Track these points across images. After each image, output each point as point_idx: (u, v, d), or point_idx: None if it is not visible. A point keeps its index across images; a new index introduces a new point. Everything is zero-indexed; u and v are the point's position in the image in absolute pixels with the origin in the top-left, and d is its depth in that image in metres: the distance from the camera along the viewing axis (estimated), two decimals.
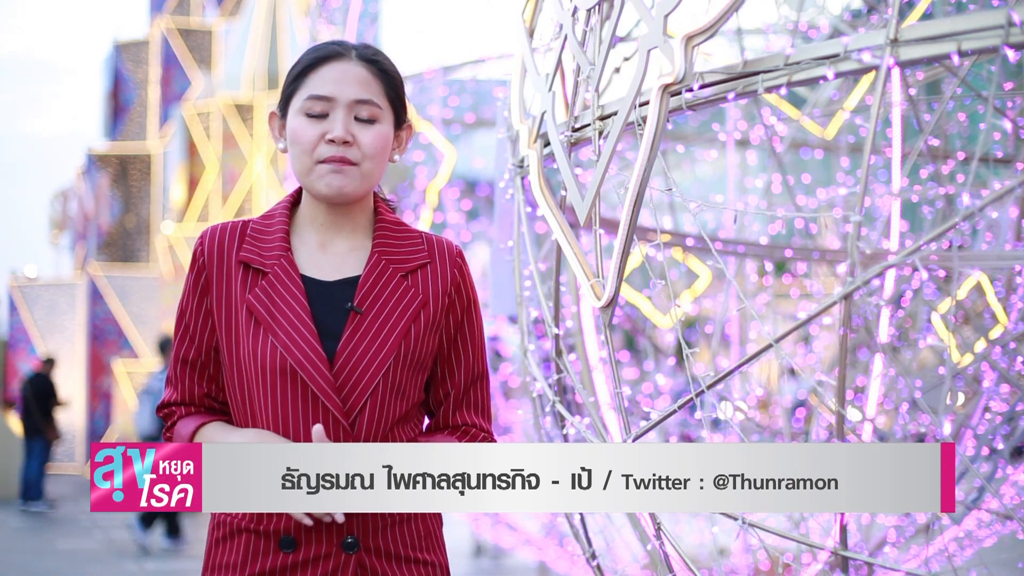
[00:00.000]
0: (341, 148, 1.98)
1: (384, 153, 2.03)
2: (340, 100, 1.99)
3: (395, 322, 2.00)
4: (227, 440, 2.00)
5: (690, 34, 2.50)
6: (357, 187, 2.01)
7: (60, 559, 9.62)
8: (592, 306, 3.49)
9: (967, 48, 2.31)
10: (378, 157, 2.02)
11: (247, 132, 14.45)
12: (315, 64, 2.01)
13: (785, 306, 9.55)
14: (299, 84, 2.01)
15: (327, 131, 1.98)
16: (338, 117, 1.98)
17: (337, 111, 1.99)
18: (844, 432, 2.64)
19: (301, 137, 1.99)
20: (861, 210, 2.48)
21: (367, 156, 2.00)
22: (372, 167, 2.01)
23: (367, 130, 2.00)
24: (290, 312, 1.97)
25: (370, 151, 2.00)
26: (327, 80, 1.99)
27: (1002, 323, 5.06)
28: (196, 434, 2.04)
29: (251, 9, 14.99)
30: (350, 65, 2.01)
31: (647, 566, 5.37)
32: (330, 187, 1.99)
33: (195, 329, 2.05)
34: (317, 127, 1.99)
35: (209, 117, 14.83)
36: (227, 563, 2.00)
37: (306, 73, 2.01)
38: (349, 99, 1.99)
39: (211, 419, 2.06)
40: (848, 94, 6.14)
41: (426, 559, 2.05)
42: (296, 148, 2.00)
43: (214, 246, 2.03)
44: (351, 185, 2.00)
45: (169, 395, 2.10)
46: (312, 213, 2.06)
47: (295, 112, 2.01)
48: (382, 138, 2.02)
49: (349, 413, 1.96)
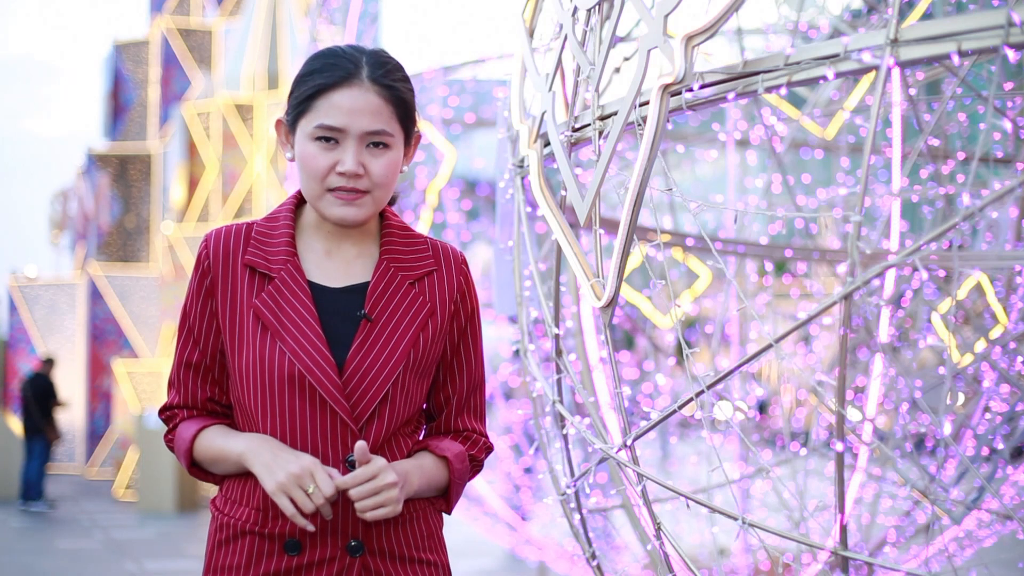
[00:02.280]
0: (352, 180, 1.96)
1: (394, 177, 2.02)
2: (352, 132, 1.95)
3: (404, 330, 2.00)
4: (228, 446, 1.99)
5: (690, 34, 2.50)
6: (367, 214, 2.01)
7: (60, 559, 9.61)
8: (592, 306, 3.49)
9: (967, 48, 2.31)
10: (389, 183, 2.01)
11: (247, 132, 14.44)
12: (326, 89, 1.96)
13: (785, 306, 9.55)
14: (309, 107, 1.97)
15: (338, 161, 1.96)
16: (349, 148, 1.96)
17: (348, 142, 1.96)
18: (844, 432, 2.64)
19: (311, 164, 1.97)
20: (861, 210, 2.48)
21: (377, 185, 1.99)
22: (382, 194, 2.01)
23: (378, 159, 1.98)
24: (298, 318, 1.97)
25: (380, 180, 1.99)
26: (340, 110, 1.95)
27: (1002, 323, 5.06)
28: (197, 438, 2.04)
29: (251, 9, 14.98)
30: (362, 92, 1.96)
31: (647, 566, 5.38)
32: (340, 218, 1.99)
33: (200, 332, 2.04)
34: (328, 156, 1.96)
35: (209, 117, 14.82)
36: (230, 565, 2.00)
37: (316, 97, 1.96)
38: (361, 131, 1.96)
39: (212, 423, 2.06)
40: (848, 94, 6.14)
41: (429, 559, 2.06)
42: (306, 173, 1.99)
43: (219, 249, 2.02)
44: (361, 214, 2.00)
45: (172, 398, 2.09)
46: (318, 218, 2.06)
47: (304, 136, 1.98)
48: (393, 165, 2.00)
49: (358, 419, 1.96)
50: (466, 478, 2.12)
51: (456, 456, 2.08)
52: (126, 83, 18.28)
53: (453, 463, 2.06)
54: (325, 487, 1.87)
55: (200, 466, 2.07)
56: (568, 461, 3.37)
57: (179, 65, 17.20)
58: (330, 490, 1.88)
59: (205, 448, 2.03)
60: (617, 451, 2.91)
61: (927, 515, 5.11)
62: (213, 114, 14.73)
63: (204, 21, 17.92)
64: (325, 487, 1.87)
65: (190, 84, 16.90)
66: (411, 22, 10.66)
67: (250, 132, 14.44)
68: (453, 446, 2.09)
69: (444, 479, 2.07)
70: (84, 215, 18.64)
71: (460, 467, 2.08)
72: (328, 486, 1.88)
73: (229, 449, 1.99)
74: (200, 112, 14.95)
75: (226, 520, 2.02)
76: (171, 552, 9.83)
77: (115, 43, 18.45)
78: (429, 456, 2.06)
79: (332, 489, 1.88)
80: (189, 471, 2.09)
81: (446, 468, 2.07)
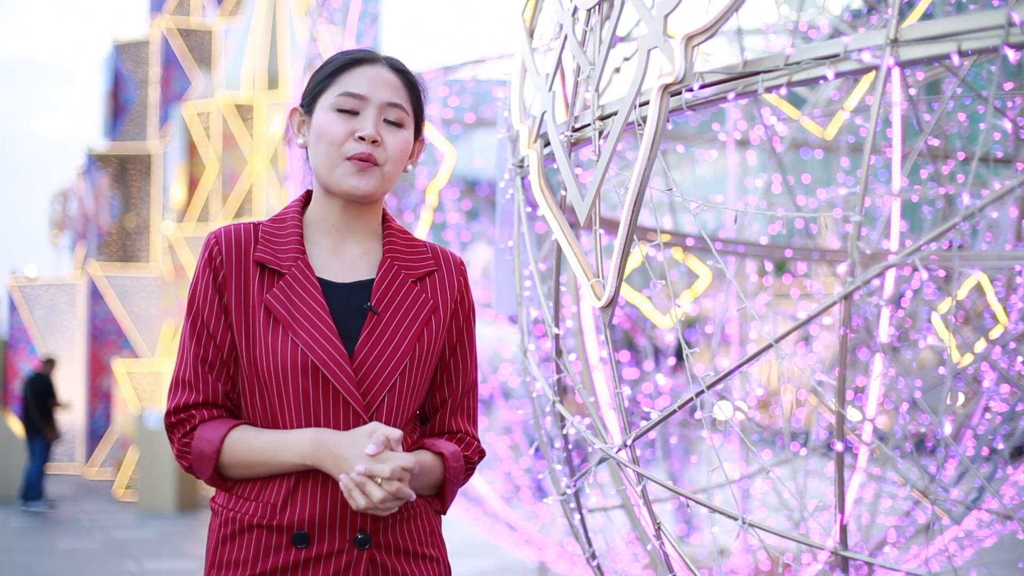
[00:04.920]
0: (369, 147, 2.03)
1: (405, 157, 2.09)
2: (373, 100, 2.05)
3: (410, 324, 2.05)
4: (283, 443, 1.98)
5: (690, 34, 2.50)
6: (377, 187, 2.06)
7: (60, 559, 9.61)
8: (592, 306, 3.49)
9: (967, 48, 2.31)
10: (400, 161, 2.08)
11: (247, 132, 14.44)
12: (349, 65, 2.07)
13: (785, 306, 9.55)
14: (331, 82, 2.07)
15: (357, 129, 2.03)
16: (369, 116, 2.04)
17: (368, 110, 2.04)
18: (844, 432, 2.64)
19: (330, 131, 2.04)
20: (861, 210, 2.48)
21: (391, 158, 2.06)
22: (392, 170, 2.07)
23: (394, 133, 2.06)
24: (310, 312, 2.00)
25: (394, 154, 2.06)
26: (362, 80, 2.05)
27: (1002, 323, 5.06)
28: (227, 438, 2.00)
29: (251, 9, 14.98)
30: (382, 70, 2.08)
31: (647, 566, 5.38)
32: (352, 186, 2.04)
33: (215, 328, 2.03)
34: (347, 123, 2.04)
35: (209, 117, 14.82)
36: (236, 560, 2.00)
37: (339, 73, 2.06)
38: (382, 100, 2.05)
39: (239, 422, 2.03)
40: (848, 94, 6.14)
41: (431, 554, 2.10)
42: (323, 142, 2.05)
43: (231, 245, 2.05)
44: (372, 184, 2.05)
45: (187, 398, 2.03)
46: (324, 216, 2.10)
47: (325, 107, 2.05)
48: (406, 143, 2.08)
49: (368, 408, 2.00)
50: (460, 478, 2.14)
51: (452, 455, 2.10)
52: (126, 83, 18.28)
53: (449, 460, 2.09)
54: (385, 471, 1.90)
55: (224, 469, 2.01)
56: (568, 461, 3.37)
57: (179, 65, 17.19)
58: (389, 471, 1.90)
59: (244, 448, 1.98)
60: (617, 451, 2.91)
61: (927, 515, 5.11)
62: (213, 114, 14.72)
63: (204, 21, 17.91)
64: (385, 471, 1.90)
65: (190, 84, 16.89)
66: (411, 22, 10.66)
67: (250, 132, 14.43)
68: (448, 445, 2.13)
69: (440, 476, 2.10)
70: (84, 215, 18.63)
71: (455, 466, 2.11)
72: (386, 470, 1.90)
73: (286, 446, 1.96)
74: (200, 112, 14.94)
75: (231, 515, 2.02)
76: (171, 552, 9.83)
77: (115, 43, 18.45)
78: (426, 453, 2.09)
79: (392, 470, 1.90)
80: (210, 478, 2.02)
81: (442, 466, 2.09)
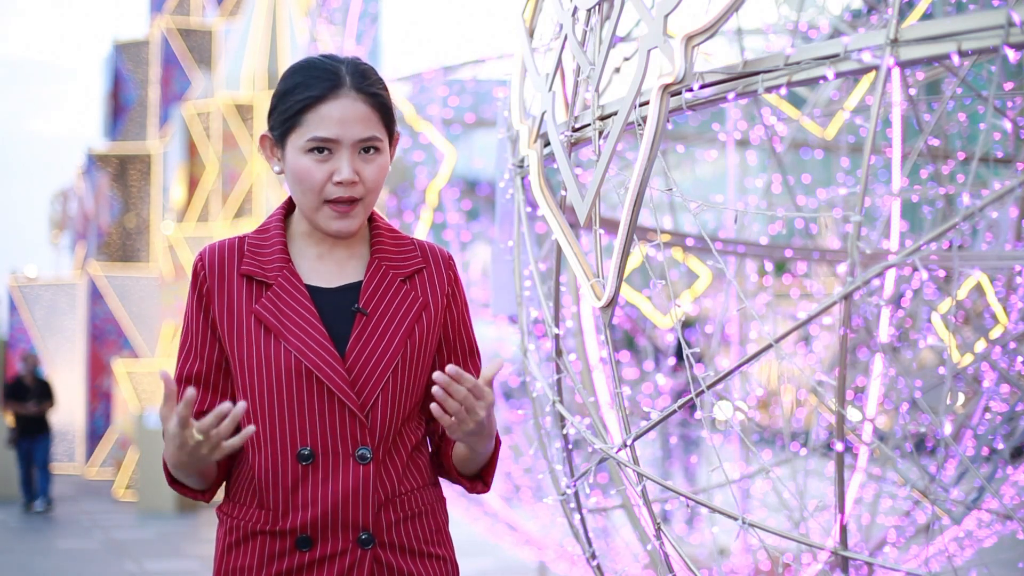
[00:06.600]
0: (348, 189, 2.02)
1: (384, 178, 2.09)
2: (345, 141, 2.01)
3: (399, 323, 2.06)
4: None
5: (690, 34, 2.50)
6: (360, 223, 2.07)
7: (60, 559, 9.61)
8: (592, 306, 3.49)
9: (967, 48, 2.31)
10: (380, 184, 2.08)
11: (247, 132, 14.43)
12: (314, 102, 2.00)
13: (785, 306, 9.55)
14: (298, 121, 2.01)
15: (333, 171, 2.01)
16: (344, 157, 2.01)
17: (342, 151, 2.01)
18: (844, 432, 2.64)
19: (307, 178, 2.02)
20: (861, 210, 2.48)
21: (370, 190, 2.05)
22: (373, 198, 2.08)
23: (370, 164, 2.04)
24: (299, 319, 2.02)
25: (373, 185, 2.05)
26: (331, 121, 2.00)
27: (1002, 323, 5.06)
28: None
29: (251, 9, 14.97)
30: (350, 102, 2.00)
31: (647, 566, 5.37)
32: (336, 231, 2.05)
33: (201, 344, 2.07)
34: (323, 167, 2.01)
35: (209, 117, 14.81)
36: (241, 567, 2.03)
37: (305, 111, 2.00)
38: (354, 140, 2.01)
39: None
40: (848, 94, 6.14)
41: (438, 553, 2.11)
42: (302, 187, 2.03)
43: (215, 261, 2.07)
44: (355, 224, 2.06)
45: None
46: (309, 226, 2.11)
47: (297, 150, 2.02)
48: (383, 168, 2.07)
49: (363, 408, 2.01)
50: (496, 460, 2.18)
51: (496, 435, 2.13)
52: (126, 83, 18.27)
53: (497, 437, 2.12)
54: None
55: (173, 472, 2.03)
56: (568, 461, 3.37)
57: (179, 65, 17.19)
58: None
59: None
60: (617, 451, 2.91)
61: (927, 515, 5.11)
62: (213, 114, 14.72)
63: (204, 21, 17.90)
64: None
65: (190, 84, 16.88)
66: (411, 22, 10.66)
67: (250, 132, 14.43)
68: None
69: (490, 452, 2.12)
70: (84, 215, 18.63)
71: (499, 444, 2.15)
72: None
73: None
74: (200, 112, 14.94)
75: (235, 523, 2.05)
76: (171, 552, 9.83)
77: (115, 43, 18.43)
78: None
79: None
80: (170, 483, 2.08)
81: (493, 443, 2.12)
